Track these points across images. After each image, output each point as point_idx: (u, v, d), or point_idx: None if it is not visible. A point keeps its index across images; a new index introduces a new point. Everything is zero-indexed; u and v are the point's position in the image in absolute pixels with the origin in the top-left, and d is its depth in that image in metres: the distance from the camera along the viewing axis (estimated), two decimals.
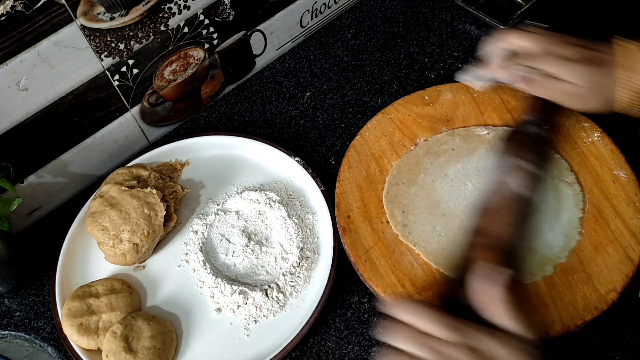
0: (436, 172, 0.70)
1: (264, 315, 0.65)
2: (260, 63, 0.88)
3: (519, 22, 0.79)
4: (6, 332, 0.69)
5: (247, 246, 0.69)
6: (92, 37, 0.67)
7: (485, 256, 0.57)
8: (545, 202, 0.66)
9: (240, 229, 0.71)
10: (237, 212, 0.73)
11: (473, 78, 0.72)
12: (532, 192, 0.63)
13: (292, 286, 0.66)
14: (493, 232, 0.60)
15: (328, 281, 0.65)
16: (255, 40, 0.84)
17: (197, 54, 0.79)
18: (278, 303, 0.65)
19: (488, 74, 0.70)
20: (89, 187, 0.79)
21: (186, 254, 0.71)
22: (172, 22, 0.73)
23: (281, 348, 0.62)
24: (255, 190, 0.74)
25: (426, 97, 0.77)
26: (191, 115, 0.85)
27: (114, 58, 0.70)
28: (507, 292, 0.50)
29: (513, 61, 0.66)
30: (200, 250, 0.70)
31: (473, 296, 0.52)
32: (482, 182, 0.68)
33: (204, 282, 0.68)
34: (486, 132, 0.73)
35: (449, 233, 0.65)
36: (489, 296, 0.51)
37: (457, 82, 0.77)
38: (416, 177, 0.70)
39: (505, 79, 0.68)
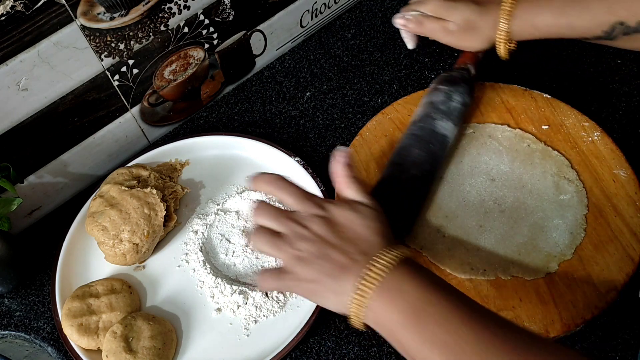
0: None
1: (264, 315, 0.65)
2: (260, 63, 0.88)
3: None
4: (6, 332, 0.69)
5: (247, 246, 0.69)
6: (92, 37, 0.67)
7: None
8: (547, 200, 0.66)
9: (240, 229, 0.71)
10: (237, 212, 0.73)
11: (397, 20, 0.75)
12: (445, 122, 0.68)
13: None
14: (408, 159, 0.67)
15: None
16: (255, 40, 0.84)
17: (197, 54, 0.79)
18: (278, 303, 0.65)
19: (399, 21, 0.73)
20: (89, 187, 0.79)
21: (186, 254, 0.71)
22: (172, 22, 0.73)
23: (281, 348, 0.62)
24: (255, 190, 0.74)
25: None
26: (191, 115, 0.85)
27: (114, 58, 0.70)
28: (346, 168, 0.57)
29: (407, 7, 0.73)
30: (200, 250, 0.70)
31: (330, 176, 0.59)
32: (479, 182, 0.69)
33: (204, 282, 0.68)
34: (471, 130, 0.73)
35: (452, 233, 0.65)
36: (335, 173, 0.58)
37: None
38: None
39: (399, 24, 0.73)
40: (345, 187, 0.57)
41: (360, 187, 0.57)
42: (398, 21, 0.72)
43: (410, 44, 0.75)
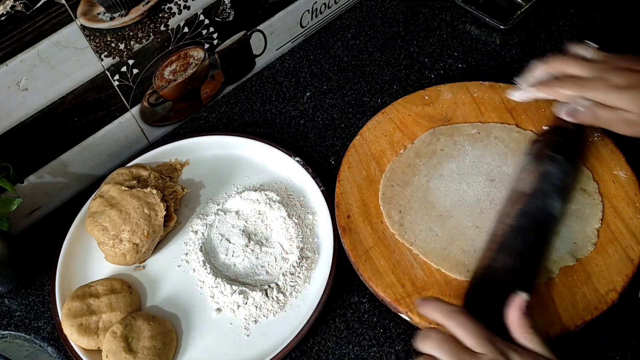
0: (430, 173, 0.70)
1: (264, 315, 0.65)
2: (260, 63, 0.88)
3: (569, 46, 0.71)
4: (6, 332, 0.69)
5: (247, 246, 0.69)
6: (92, 37, 0.67)
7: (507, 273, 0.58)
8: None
9: (240, 229, 0.71)
10: (237, 212, 0.73)
11: (523, 96, 0.68)
12: (558, 203, 0.62)
13: (292, 286, 0.66)
14: (514, 247, 0.60)
15: (328, 281, 0.65)
16: (255, 40, 0.84)
17: (197, 54, 0.79)
18: (278, 303, 0.65)
19: (532, 91, 0.67)
20: (89, 187, 0.79)
21: (186, 254, 0.71)
22: (172, 22, 0.73)
23: (281, 348, 0.62)
24: (255, 190, 0.74)
25: (426, 97, 0.77)
26: (191, 115, 0.85)
27: (114, 58, 0.70)
28: (524, 316, 0.53)
29: (558, 82, 0.64)
30: (200, 250, 0.70)
31: (506, 320, 0.54)
32: (477, 182, 0.69)
33: (204, 282, 0.68)
34: (476, 130, 0.73)
35: (446, 233, 0.65)
36: (514, 321, 0.53)
37: (457, 82, 0.77)
38: (410, 178, 0.70)
39: (547, 97, 0.66)
40: (525, 337, 0.53)
41: (542, 340, 0.52)
42: (565, 114, 0.63)
43: (519, 100, 0.68)
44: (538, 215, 0.61)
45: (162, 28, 0.72)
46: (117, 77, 0.72)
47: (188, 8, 0.73)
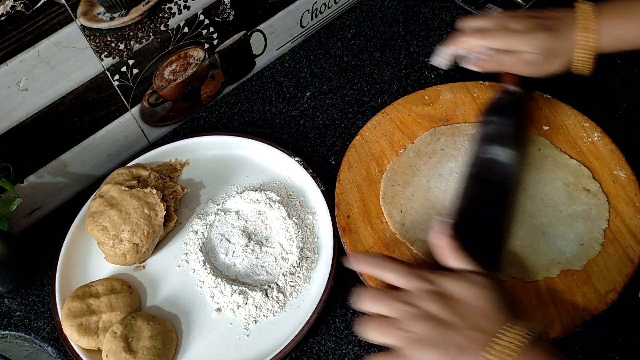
0: (431, 173, 0.70)
1: (264, 315, 0.65)
2: (260, 63, 0.88)
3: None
4: (6, 332, 0.69)
5: (247, 246, 0.69)
6: (92, 37, 0.67)
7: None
8: (552, 207, 0.65)
9: (240, 229, 0.71)
10: (237, 212, 0.73)
11: (440, 58, 0.71)
12: (512, 158, 0.65)
13: (292, 286, 0.66)
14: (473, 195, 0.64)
15: (328, 281, 0.65)
16: (255, 40, 0.84)
17: (197, 54, 0.79)
18: (278, 303, 0.65)
19: (444, 49, 0.70)
20: (89, 187, 0.79)
21: (186, 254, 0.71)
22: (172, 22, 0.73)
23: (281, 348, 0.62)
24: (255, 190, 0.74)
25: (426, 97, 0.77)
26: (191, 115, 0.85)
27: (114, 58, 0.70)
28: (449, 239, 0.55)
29: (465, 35, 0.68)
30: (200, 250, 0.70)
31: (432, 249, 0.57)
32: None
33: (204, 282, 0.68)
34: (476, 130, 0.73)
35: None
36: (437, 245, 0.56)
37: (457, 82, 0.77)
38: (411, 178, 0.70)
39: (457, 52, 0.69)
40: (451, 257, 0.54)
41: (468, 256, 0.54)
42: (471, 64, 0.68)
43: (445, 65, 0.71)
44: (482, 171, 0.65)
45: (162, 28, 0.72)
46: (117, 77, 0.72)
47: (188, 8, 0.73)
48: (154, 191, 0.69)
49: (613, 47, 0.64)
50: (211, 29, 0.78)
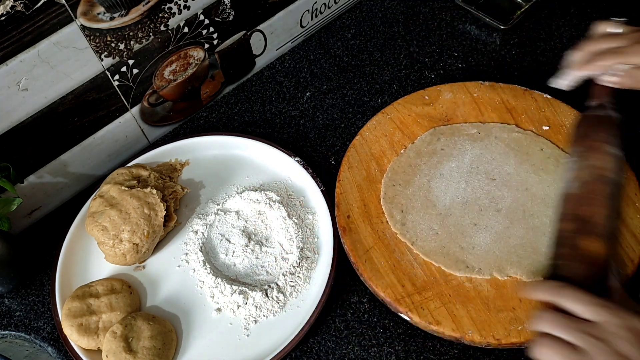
0: (431, 172, 0.70)
1: (264, 315, 0.65)
2: (260, 63, 0.88)
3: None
4: (6, 332, 0.69)
5: (247, 246, 0.69)
6: (92, 37, 0.67)
7: (590, 244, 0.57)
8: (554, 207, 0.65)
9: (240, 229, 0.71)
10: (237, 212, 0.73)
11: (567, 81, 0.68)
12: (617, 173, 0.62)
13: (292, 286, 0.66)
14: (591, 217, 0.59)
15: (328, 281, 0.65)
16: (255, 40, 0.84)
17: (197, 54, 0.79)
18: (278, 303, 0.65)
19: (576, 73, 0.67)
20: (89, 187, 0.79)
21: (186, 254, 0.71)
22: (172, 22, 0.73)
23: (281, 348, 0.62)
24: (255, 190, 0.74)
25: (426, 97, 0.77)
26: (191, 115, 0.85)
27: (114, 58, 0.70)
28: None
29: (599, 57, 0.65)
30: (200, 250, 0.70)
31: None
32: (476, 180, 0.69)
33: (204, 282, 0.68)
34: (476, 130, 0.73)
35: (445, 231, 0.66)
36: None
37: (457, 82, 0.77)
38: (412, 178, 0.70)
39: (591, 74, 0.66)
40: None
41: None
42: (608, 79, 0.64)
43: (567, 87, 0.67)
44: (602, 185, 0.61)
45: (162, 28, 0.72)
46: (117, 77, 0.72)
47: (188, 8, 0.73)
48: (154, 191, 0.69)
49: None
50: (211, 29, 0.78)
